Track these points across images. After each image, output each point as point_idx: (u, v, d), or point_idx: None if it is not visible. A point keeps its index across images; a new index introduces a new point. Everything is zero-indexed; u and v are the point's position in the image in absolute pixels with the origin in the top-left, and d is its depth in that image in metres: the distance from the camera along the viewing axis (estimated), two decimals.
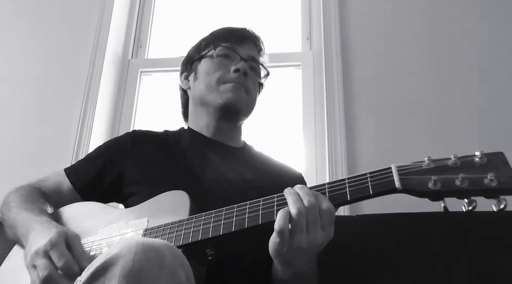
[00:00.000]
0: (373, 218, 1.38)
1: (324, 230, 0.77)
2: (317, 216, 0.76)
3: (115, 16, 2.06)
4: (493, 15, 1.82)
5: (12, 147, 1.85)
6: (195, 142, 1.20)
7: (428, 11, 1.87)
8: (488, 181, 0.68)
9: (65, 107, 1.89)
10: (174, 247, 0.69)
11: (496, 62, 1.73)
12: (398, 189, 0.74)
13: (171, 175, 1.09)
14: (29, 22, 2.10)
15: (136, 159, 1.14)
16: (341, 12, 1.91)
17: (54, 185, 1.16)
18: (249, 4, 2.18)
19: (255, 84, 1.26)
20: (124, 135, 1.25)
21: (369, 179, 0.77)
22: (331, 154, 1.66)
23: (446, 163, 0.73)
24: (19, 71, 2.01)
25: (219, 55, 1.21)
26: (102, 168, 1.15)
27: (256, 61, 1.25)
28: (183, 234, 0.84)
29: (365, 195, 0.77)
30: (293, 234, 0.76)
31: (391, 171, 0.76)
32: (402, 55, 1.80)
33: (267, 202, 0.83)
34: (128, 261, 0.62)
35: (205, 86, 1.18)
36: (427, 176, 0.72)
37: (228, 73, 1.18)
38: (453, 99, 1.70)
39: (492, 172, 0.68)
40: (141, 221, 0.94)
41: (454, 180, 0.70)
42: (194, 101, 1.24)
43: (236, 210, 0.84)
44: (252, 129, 1.88)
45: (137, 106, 2.00)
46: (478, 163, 0.71)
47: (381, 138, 1.67)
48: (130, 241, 0.66)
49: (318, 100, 1.83)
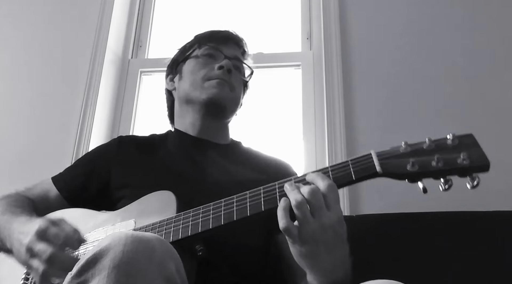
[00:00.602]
0: (373, 218, 1.39)
1: (330, 210, 0.74)
2: (320, 198, 0.74)
3: (115, 16, 2.05)
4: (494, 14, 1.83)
5: (12, 146, 1.85)
6: (181, 142, 1.21)
7: (428, 10, 1.87)
8: (461, 160, 0.72)
9: (65, 107, 1.89)
10: (163, 240, 0.70)
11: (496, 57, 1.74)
12: (379, 173, 0.77)
13: (158, 177, 1.09)
14: (29, 22, 2.10)
15: (122, 164, 1.14)
16: (341, 12, 1.91)
17: (41, 193, 1.16)
18: (249, 4, 2.18)
19: (239, 82, 1.27)
20: (110, 142, 1.26)
21: (351, 165, 0.79)
22: (331, 154, 1.66)
23: (422, 146, 0.77)
24: (19, 71, 2.01)
25: (203, 55, 1.24)
26: (88, 175, 1.15)
27: (239, 60, 1.27)
28: (172, 231, 0.85)
29: (349, 180, 0.78)
30: (300, 226, 0.73)
31: (371, 156, 0.79)
32: (402, 55, 1.80)
33: (254, 194, 0.83)
34: (117, 252, 0.62)
35: (190, 84, 1.20)
36: (405, 159, 0.76)
37: (212, 71, 1.19)
38: (454, 98, 1.70)
39: (464, 152, 0.73)
40: (128, 223, 0.93)
41: (430, 161, 0.74)
42: (179, 100, 1.26)
43: (224, 204, 0.84)
44: (252, 130, 1.88)
45: (137, 106, 2.00)
46: (451, 145, 0.75)
47: (381, 138, 1.67)
48: (120, 233, 0.66)
49: (318, 100, 1.83)
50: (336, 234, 0.75)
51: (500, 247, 1.28)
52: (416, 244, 1.30)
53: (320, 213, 0.73)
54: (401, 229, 1.34)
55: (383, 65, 1.80)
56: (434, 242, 1.31)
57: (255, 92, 1.98)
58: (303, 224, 0.73)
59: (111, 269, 0.61)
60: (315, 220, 0.73)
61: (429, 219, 1.35)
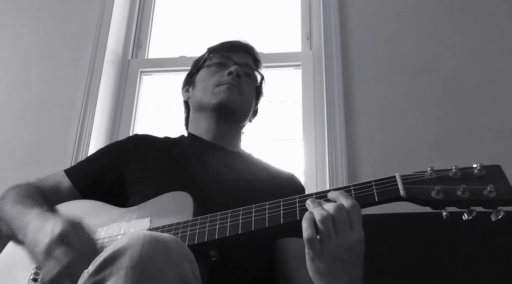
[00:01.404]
0: (373, 218, 1.38)
1: (353, 229, 0.74)
2: (345, 216, 0.74)
3: (115, 16, 2.06)
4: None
5: (12, 147, 1.85)
6: (196, 145, 1.22)
7: (428, 9, 1.87)
8: (488, 192, 0.72)
9: (65, 107, 1.89)
10: (180, 241, 0.70)
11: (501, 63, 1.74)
12: (402, 197, 0.76)
13: (172, 176, 1.10)
14: (29, 22, 2.10)
15: (138, 160, 1.16)
16: (341, 12, 1.91)
17: (53, 184, 1.16)
18: (249, 4, 2.18)
19: (250, 88, 1.28)
20: (126, 138, 1.28)
21: (374, 186, 0.79)
22: (331, 154, 1.66)
23: (448, 173, 0.76)
24: (19, 71, 2.01)
25: (214, 64, 1.27)
26: (104, 168, 1.16)
27: (250, 67, 1.29)
28: (188, 235, 0.84)
29: (371, 201, 0.79)
30: (322, 241, 0.73)
31: (395, 179, 0.79)
32: (403, 55, 1.80)
33: (273, 206, 0.83)
34: (135, 252, 0.63)
35: (202, 91, 1.24)
36: (430, 186, 0.76)
37: (222, 77, 1.22)
38: (454, 99, 1.70)
39: (491, 183, 0.72)
40: (144, 221, 0.93)
41: (455, 190, 0.74)
42: (193, 108, 1.29)
43: (242, 212, 0.84)
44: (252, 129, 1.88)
45: (137, 106, 2.00)
46: (477, 175, 0.75)
47: (381, 138, 1.68)
48: (138, 233, 0.66)
49: (318, 100, 1.83)
50: (356, 255, 0.75)
51: (500, 247, 1.28)
52: (416, 244, 1.30)
53: (344, 230, 0.73)
54: (401, 229, 1.34)
55: (383, 65, 1.80)
56: (434, 242, 1.31)
57: None
58: (326, 240, 0.73)
59: (128, 269, 0.61)
60: (338, 238, 0.73)
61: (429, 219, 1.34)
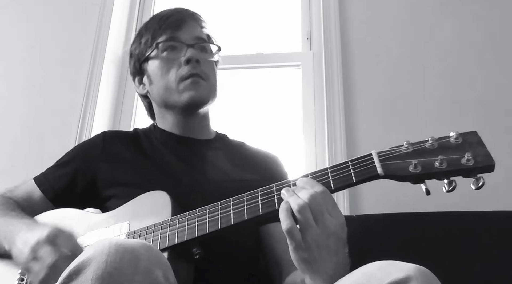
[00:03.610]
0: (373, 218, 1.39)
1: (332, 214, 0.73)
2: (320, 202, 0.72)
3: (115, 16, 2.05)
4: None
5: (12, 147, 1.85)
6: (166, 140, 1.17)
7: (428, 9, 1.87)
8: (465, 160, 0.70)
9: (65, 107, 1.89)
10: (150, 246, 0.67)
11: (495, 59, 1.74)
12: (380, 175, 0.75)
13: (147, 175, 1.07)
14: (29, 23, 2.10)
15: (108, 161, 1.11)
16: (341, 12, 1.90)
17: (25, 195, 1.12)
18: (249, 4, 2.18)
19: (211, 66, 1.19)
20: (93, 138, 1.20)
21: (351, 166, 0.77)
22: (331, 154, 1.66)
23: (424, 145, 0.75)
24: (19, 71, 2.01)
25: (164, 51, 1.14)
26: (73, 174, 1.11)
27: (203, 40, 1.18)
28: (168, 236, 0.83)
29: (349, 183, 0.76)
30: (303, 231, 0.72)
31: (372, 157, 0.77)
32: (402, 55, 1.80)
33: (251, 197, 0.81)
34: (101, 263, 0.61)
35: (164, 89, 1.13)
36: (407, 160, 0.74)
37: (181, 68, 1.12)
38: (454, 98, 1.70)
39: (469, 151, 0.70)
40: (122, 225, 0.92)
41: (433, 162, 0.72)
42: (157, 104, 1.20)
43: (220, 207, 0.83)
44: (252, 129, 1.88)
45: (137, 106, 1.99)
46: (454, 143, 0.73)
47: (381, 138, 1.67)
48: (104, 242, 0.64)
49: (318, 100, 1.83)
50: (338, 239, 0.73)
51: (500, 247, 1.28)
52: (416, 244, 1.30)
53: (323, 218, 0.72)
54: (401, 229, 1.34)
55: (383, 65, 1.80)
56: (434, 242, 1.31)
57: (255, 92, 1.99)
58: (307, 229, 0.72)
59: (94, 281, 0.59)
60: (319, 226, 0.72)
61: (429, 219, 1.35)
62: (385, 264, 0.65)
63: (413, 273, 0.61)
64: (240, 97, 1.99)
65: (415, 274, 0.61)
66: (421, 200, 0.88)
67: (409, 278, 0.60)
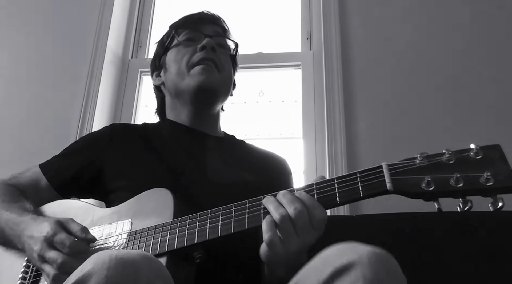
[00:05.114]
0: (373, 218, 1.38)
1: (316, 230, 0.73)
2: (306, 221, 0.72)
3: (115, 16, 2.05)
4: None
5: (12, 147, 1.85)
6: (176, 132, 1.16)
7: (427, 9, 1.87)
8: (484, 179, 0.64)
9: (65, 107, 1.89)
10: (151, 257, 0.67)
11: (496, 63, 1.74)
12: (389, 191, 0.70)
13: (153, 168, 1.06)
14: (29, 23, 2.10)
15: (116, 153, 1.09)
16: (341, 12, 1.90)
17: (31, 182, 1.11)
18: (249, 4, 2.18)
19: (227, 59, 1.20)
20: (102, 129, 1.19)
21: (359, 179, 0.73)
22: (331, 154, 1.66)
23: (440, 159, 0.68)
24: (19, 71, 2.01)
25: (183, 40, 1.17)
26: (81, 164, 1.10)
27: (221, 36, 1.20)
28: (168, 240, 0.82)
29: (355, 197, 0.72)
30: (283, 241, 0.73)
31: (382, 170, 0.71)
32: (402, 55, 1.80)
33: (254, 204, 0.80)
34: (101, 278, 0.60)
35: (176, 74, 1.14)
36: (420, 176, 0.68)
37: (195, 54, 1.13)
38: (454, 99, 1.70)
39: (489, 169, 0.64)
40: (125, 223, 0.92)
41: (448, 179, 0.66)
42: (169, 93, 1.20)
43: (222, 212, 0.81)
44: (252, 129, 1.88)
45: (137, 106, 2.00)
46: (474, 158, 0.66)
47: (381, 138, 1.67)
48: (104, 255, 0.64)
49: (318, 100, 1.83)
50: (308, 247, 0.75)
51: (500, 247, 1.28)
52: (416, 244, 1.30)
53: (304, 232, 0.72)
54: (401, 229, 1.34)
55: (383, 65, 1.80)
56: (434, 242, 1.30)
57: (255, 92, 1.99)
58: (288, 239, 0.73)
59: None
60: (299, 238, 0.72)
61: (429, 219, 1.34)
62: (343, 247, 0.65)
63: (359, 258, 0.60)
64: (240, 97, 1.99)
65: (361, 259, 0.60)
66: (421, 200, 0.88)
67: (352, 264, 0.60)
